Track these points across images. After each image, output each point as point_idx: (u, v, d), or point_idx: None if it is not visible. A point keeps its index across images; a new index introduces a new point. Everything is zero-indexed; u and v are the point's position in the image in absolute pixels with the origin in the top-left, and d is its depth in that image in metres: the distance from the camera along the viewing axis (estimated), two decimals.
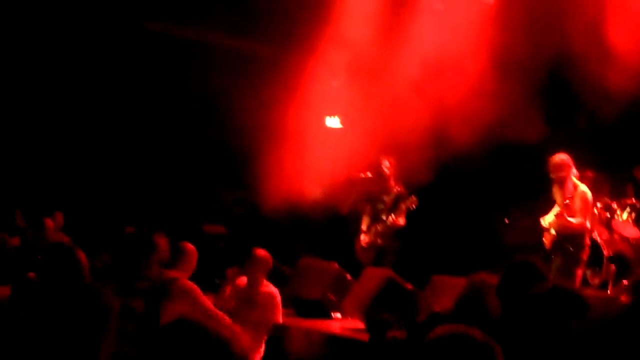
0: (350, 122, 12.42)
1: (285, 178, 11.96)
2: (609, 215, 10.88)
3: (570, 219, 9.89)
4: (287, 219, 12.73)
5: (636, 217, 10.83)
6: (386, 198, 11.22)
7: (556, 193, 10.19)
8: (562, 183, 10.00)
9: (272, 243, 10.70)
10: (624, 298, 9.04)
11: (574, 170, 10.02)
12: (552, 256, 9.95)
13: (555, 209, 10.10)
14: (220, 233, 13.14)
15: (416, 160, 11.27)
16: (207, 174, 13.92)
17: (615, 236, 10.85)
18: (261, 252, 8.98)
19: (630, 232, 10.80)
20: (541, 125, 10.98)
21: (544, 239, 10.21)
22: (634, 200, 10.90)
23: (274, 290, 9.00)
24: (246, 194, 13.75)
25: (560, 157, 10.01)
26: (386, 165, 11.28)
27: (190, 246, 8.50)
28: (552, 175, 10.03)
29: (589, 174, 10.60)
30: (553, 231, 10.08)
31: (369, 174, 11.34)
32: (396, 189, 11.21)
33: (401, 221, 11.05)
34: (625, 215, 10.93)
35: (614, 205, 10.89)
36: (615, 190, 10.85)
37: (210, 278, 9.90)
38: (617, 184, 10.91)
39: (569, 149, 10.18)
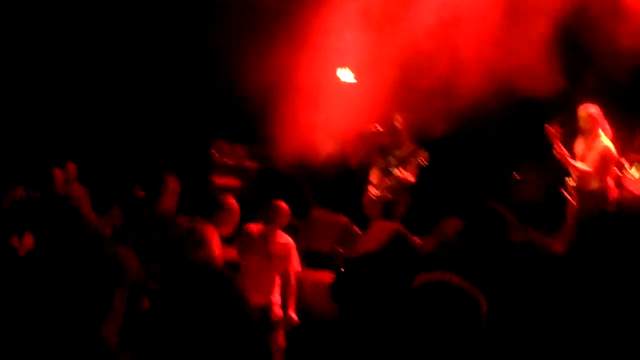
0: (363, 75, 12.36)
1: (297, 131, 11.97)
2: (619, 173, 10.86)
3: (577, 164, 9.98)
4: (298, 172, 12.74)
5: None
6: (397, 153, 11.24)
7: (579, 145, 10.24)
8: (587, 133, 10.06)
9: (283, 196, 10.75)
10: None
11: (605, 125, 10.07)
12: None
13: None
14: (231, 186, 13.17)
15: (430, 112, 11.24)
16: (219, 129, 13.91)
17: (626, 193, 10.83)
18: (283, 205, 9.11)
19: None
20: (556, 79, 10.94)
21: (563, 192, 10.26)
22: None
23: (289, 240, 9.15)
24: (258, 147, 13.76)
25: (589, 109, 10.06)
26: (398, 120, 11.28)
27: (232, 202, 8.51)
28: (580, 125, 10.09)
29: None
30: (573, 183, 10.14)
31: (381, 128, 11.35)
32: (408, 144, 11.22)
33: (411, 177, 11.07)
34: (636, 173, 10.89)
35: (624, 162, 10.86)
36: (625, 147, 10.79)
37: None
38: (627, 141, 10.85)
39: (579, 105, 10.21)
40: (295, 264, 9.26)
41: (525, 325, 3.92)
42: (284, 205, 9.25)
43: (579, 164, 10.15)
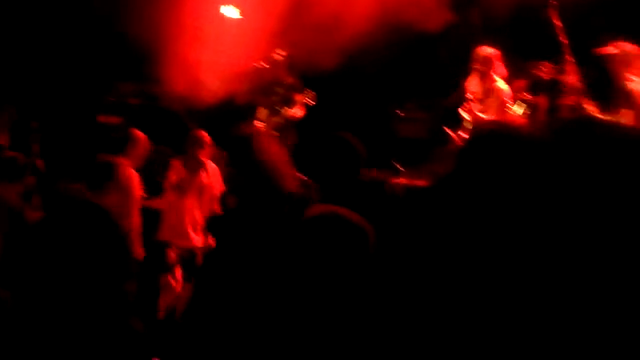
0: (248, 12, 12.22)
1: (182, 69, 11.81)
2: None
3: (484, 112, 10.05)
4: (184, 110, 12.61)
5: (531, 112, 10.95)
6: (279, 89, 11.19)
7: (473, 85, 10.29)
8: (483, 76, 10.11)
9: (169, 133, 10.61)
10: None
11: (500, 67, 10.13)
12: None
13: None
14: (114, 123, 12.97)
15: (317, 48, 11.19)
16: (103, 66, 13.63)
17: None
18: (203, 134, 9.03)
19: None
20: (442, 14, 10.97)
21: (451, 130, 10.34)
22: (528, 95, 11.00)
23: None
24: (143, 85, 13.56)
25: (487, 50, 10.09)
26: (279, 55, 11.21)
27: (139, 134, 8.41)
28: (475, 66, 10.11)
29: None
30: (467, 123, 10.23)
31: (264, 65, 11.27)
32: (289, 79, 11.17)
33: (297, 113, 11.04)
34: (519, 111, 11.03)
35: (509, 101, 11.00)
36: (509, 86, 10.92)
37: None
38: (512, 80, 10.98)
39: (467, 43, 10.25)
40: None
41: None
42: (204, 134, 9.16)
43: (485, 116, 10.21)
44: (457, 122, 10.41)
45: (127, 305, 3.19)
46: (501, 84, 10.21)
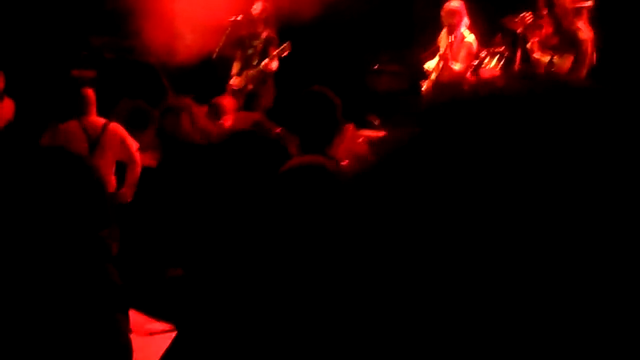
0: None
1: (157, 22, 11.75)
2: (477, 63, 11.04)
3: (452, 65, 10.16)
4: (158, 63, 12.55)
5: (504, 65, 11.00)
6: (256, 42, 11.17)
7: (443, 39, 10.43)
8: (451, 30, 10.25)
9: (142, 87, 10.56)
10: None
11: (466, 20, 10.26)
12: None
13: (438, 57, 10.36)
14: (89, 77, 12.90)
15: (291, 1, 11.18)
16: (76, 20, 13.50)
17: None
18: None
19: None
20: None
21: (422, 83, 10.43)
22: (502, 49, 11.05)
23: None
24: (117, 39, 13.48)
25: (454, 4, 10.24)
26: (256, 8, 11.17)
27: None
28: (443, 21, 10.27)
29: None
30: (433, 76, 10.31)
31: (239, 18, 11.23)
32: (266, 32, 11.15)
33: (273, 65, 11.03)
34: (493, 63, 11.08)
35: (483, 54, 11.05)
36: (484, 39, 10.95)
37: None
38: (486, 33, 11.01)
39: None
40: (132, 144, 8.89)
41: None
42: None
43: (456, 66, 10.32)
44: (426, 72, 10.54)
45: (106, 253, 3.20)
46: (469, 37, 10.37)
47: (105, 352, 3.14)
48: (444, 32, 10.49)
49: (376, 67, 12.15)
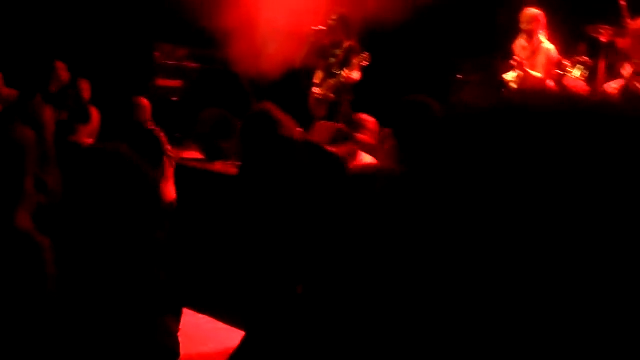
0: None
1: (239, 32, 11.87)
2: (561, 73, 10.94)
3: (532, 72, 10.13)
4: (242, 73, 12.66)
5: (589, 75, 10.89)
6: (338, 52, 11.21)
7: (518, 47, 10.39)
8: (529, 36, 10.24)
9: (227, 96, 10.67)
10: None
11: (543, 31, 10.25)
12: None
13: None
14: (173, 86, 13.09)
15: (376, 6, 11.21)
16: (160, 30, 13.68)
17: (566, 92, 10.90)
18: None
19: (582, 89, 10.89)
20: None
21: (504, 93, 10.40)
22: (586, 58, 10.94)
23: None
24: (200, 48, 13.63)
25: (533, 11, 10.25)
26: (334, 18, 11.23)
27: (143, 100, 8.55)
28: (522, 27, 10.26)
29: None
30: (514, 85, 10.28)
31: (322, 27, 11.29)
32: (348, 42, 11.18)
33: (355, 75, 11.06)
34: (577, 73, 10.97)
35: (566, 63, 10.95)
36: (568, 49, 10.86)
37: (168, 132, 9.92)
38: (570, 42, 10.93)
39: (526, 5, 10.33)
40: None
41: None
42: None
43: (533, 73, 10.28)
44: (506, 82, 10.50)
45: (156, 254, 3.24)
46: (547, 44, 10.32)
47: (148, 352, 3.18)
48: (520, 40, 10.44)
49: (460, 76, 12.09)
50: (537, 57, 10.30)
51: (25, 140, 3.91)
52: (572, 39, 11.04)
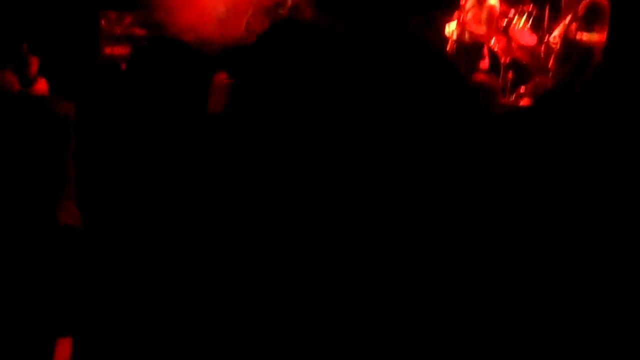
0: None
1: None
2: (505, 23, 11.00)
3: (474, 28, 10.19)
4: (190, 40, 12.57)
5: (533, 24, 10.95)
6: (282, 11, 11.16)
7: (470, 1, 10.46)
8: None
9: (180, 64, 10.57)
10: (522, 102, 9.31)
11: None
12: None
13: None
14: (121, 54, 12.99)
15: None
16: None
17: (513, 44, 10.98)
18: None
19: (527, 39, 10.95)
20: None
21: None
22: (531, 7, 10.98)
23: None
24: (147, 14, 13.50)
25: None
26: None
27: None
28: None
29: None
30: (455, 37, 10.37)
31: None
32: (291, 1, 11.14)
33: None
34: (522, 23, 11.04)
35: (511, 13, 10.99)
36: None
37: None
38: None
39: None
40: None
41: None
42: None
43: (476, 28, 10.34)
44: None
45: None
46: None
47: None
48: None
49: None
50: (479, 11, 10.33)
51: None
52: None
